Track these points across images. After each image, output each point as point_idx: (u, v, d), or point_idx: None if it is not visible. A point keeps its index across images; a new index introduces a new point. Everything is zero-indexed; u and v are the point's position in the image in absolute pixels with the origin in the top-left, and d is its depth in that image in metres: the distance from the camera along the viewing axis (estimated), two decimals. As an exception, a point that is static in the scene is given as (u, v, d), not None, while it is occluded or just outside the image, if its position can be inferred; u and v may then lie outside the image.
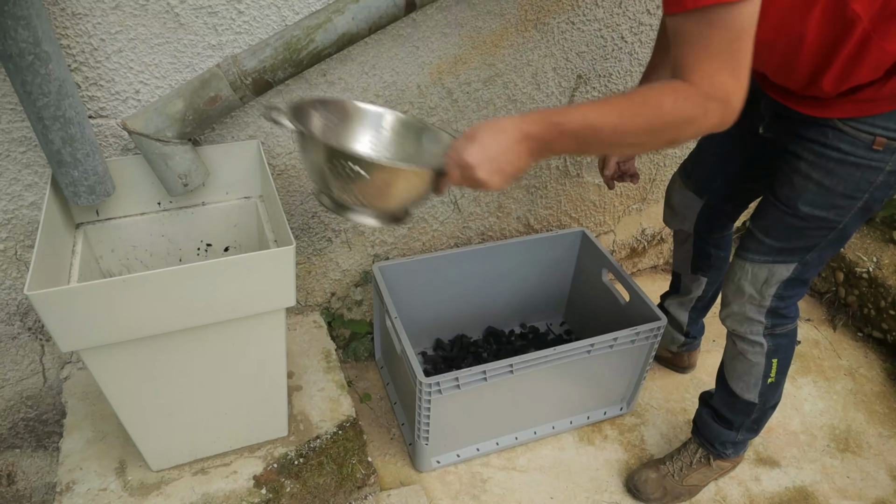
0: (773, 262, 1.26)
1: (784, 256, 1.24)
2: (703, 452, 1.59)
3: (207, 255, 1.49)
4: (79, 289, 1.01)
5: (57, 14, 1.15)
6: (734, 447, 1.56)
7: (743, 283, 1.31)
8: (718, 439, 1.54)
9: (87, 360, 1.13)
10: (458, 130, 1.66)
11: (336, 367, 1.69)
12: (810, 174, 1.14)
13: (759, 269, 1.27)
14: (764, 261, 1.26)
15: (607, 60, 1.72)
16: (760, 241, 1.25)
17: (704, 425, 1.56)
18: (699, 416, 1.58)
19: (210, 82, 1.24)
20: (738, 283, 1.32)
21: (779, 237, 1.23)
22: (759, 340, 1.37)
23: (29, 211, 1.35)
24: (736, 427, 1.51)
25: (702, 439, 1.58)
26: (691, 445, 1.61)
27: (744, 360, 1.41)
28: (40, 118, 1.11)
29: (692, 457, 1.59)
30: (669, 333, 1.88)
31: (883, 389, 1.96)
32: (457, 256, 1.77)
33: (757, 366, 1.40)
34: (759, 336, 1.36)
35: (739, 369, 1.43)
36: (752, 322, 1.35)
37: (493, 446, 1.67)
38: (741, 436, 1.53)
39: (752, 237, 1.27)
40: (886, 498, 1.67)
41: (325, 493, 1.42)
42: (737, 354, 1.42)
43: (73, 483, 1.37)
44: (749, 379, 1.43)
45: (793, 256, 1.24)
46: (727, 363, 1.47)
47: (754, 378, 1.42)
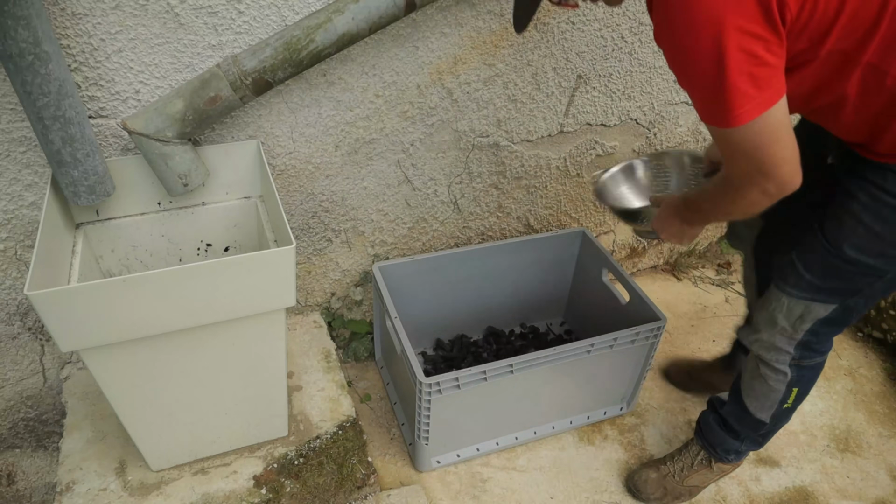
0: (811, 300, 1.20)
1: (824, 296, 1.19)
2: (704, 455, 1.58)
3: (207, 255, 1.49)
4: (79, 289, 1.01)
5: (57, 14, 1.15)
6: (737, 454, 1.55)
7: (777, 314, 1.26)
8: (722, 445, 1.53)
9: (87, 360, 1.13)
10: (459, 130, 1.66)
11: (336, 367, 1.69)
12: (862, 217, 1.08)
13: (795, 305, 1.22)
14: (802, 297, 1.21)
15: (607, 60, 1.72)
16: (801, 275, 1.20)
17: (710, 430, 1.55)
18: (705, 420, 1.57)
19: (210, 82, 1.24)
20: (771, 313, 1.27)
21: (820, 276, 1.17)
22: (783, 370, 1.32)
23: (29, 211, 1.35)
24: (741, 438, 1.50)
25: (705, 443, 1.57)
26: (693, 447, 1.60)
27: (764, 383, 1.37)
28: (40, 118, 1.11)
29: (693, 458, 1.59)
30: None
31: (883, 389, 1.96)
32: (457, 256, 1.77)
33: (776, 392, 1.36)
34: (784, 365, 1.32)
35: (757, 390, 1.40)
36: (779, 351, 1.30)
37: (493, 446, 1.66)
38: (745, 446, 1.52)
39: (794, 268, 1.21)
40: (886, 498, 1.67)
41: (325, 493, 1.42)
42: (757, 376, 1.38)
43: (73, 483, 1.37)
44: (765, 401, 1.40)
45: (833, 297, 1.19)
46: (745, 381, 1.43)
47: (770, 401, 1.39)
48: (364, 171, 1.63)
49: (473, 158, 1.75)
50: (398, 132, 1.60)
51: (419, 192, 1.74)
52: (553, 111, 1.75)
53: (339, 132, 1.53)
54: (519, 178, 1.85)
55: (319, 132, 1.51)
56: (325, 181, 1.60)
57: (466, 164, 1.75)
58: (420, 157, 1.67)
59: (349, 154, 1.58)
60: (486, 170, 1.79)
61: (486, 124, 1.69)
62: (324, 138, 1.53)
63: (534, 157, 1.83)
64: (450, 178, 1.76)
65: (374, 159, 1.62)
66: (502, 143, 1.75)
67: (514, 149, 1.78)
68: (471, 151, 1.73)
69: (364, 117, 1.53)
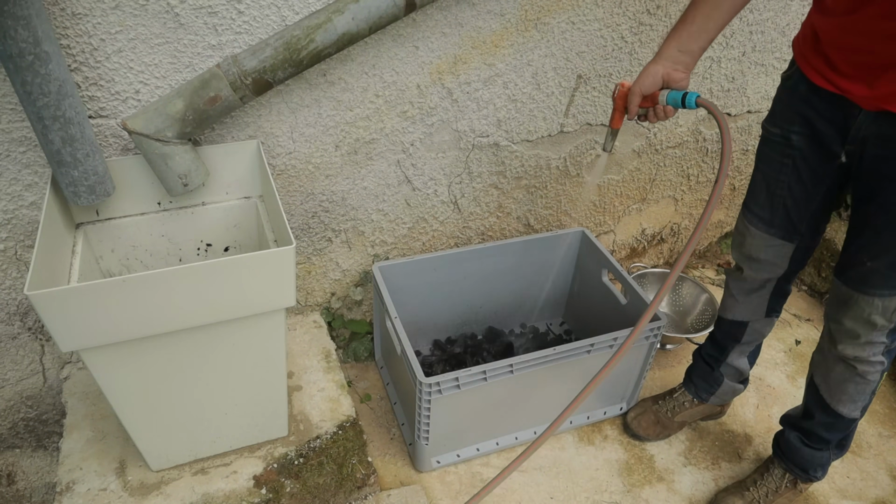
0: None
1: None
2: (790, 477, 1.55)
3: (207, 255, 1.49)
4: (79, 289, 1.01)
5: (57, 14, 1.15)
6: (823, 469, 1.52)
7: (874, 317, 1.24)
8: (812, 464, 1.51)
9: (87, 360, 1.13)
10: (459, 130, 1.66)
11: (336, 367, 1.69)
12: None
13: (889, 301, 1.22)
14: (893, 293, 1.21)
15: (607, 60, 1.72)
16: (887, 276, 1.19)
17: (793, 450, 1.52)
18: (786, 442, 1.54)
19: (210, 82, 1.24)
20: (867, 318, 1.25)
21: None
22: (879, 360, 1.31)
23: (29, 211, 1.35)
24: (829, 448, 1.48)
25: (790, 465, 1.54)
26: (776, 470, 1.57)
27: (860, 381, 1.35)
28: (40, 118, 1.11)
29: (779, 482, 1.56)
30: (730, 389, 1.69)
31: (883, 389, 1.96)
32: (457, 256, 1.77)
33: (872, 384, 1.35)
34: (879, 355, 1.31)
35: (852, 391, 1.37)
36: (875, 345, 1.29)
37: (493, 446, 1.66)
38: (833, 455, 1.50)
39: (876, 273, 1.20)
40: (886, 498, 1.67)
41: (325, 493, 1.42)
42: (852, 377, 1.35)
43: (73, 483, 1.37)
44: (861, 398, 1.38)
45: None
46: (833, 387, 1.39)
47: (865, 395, 1.38)
48: (364, 171, 1.63)
49: (473, 158, 1.75)
50: (398, 132, 1.60)
51: (419, 192, 1.74)
52: (553, 111, 1.75)
53: (339, 132, 1.53)
54: (519, 178, 1.85)
55: (319, 132, 1.51)
56: (325, 181, 1.60)
57: (466, 164, 1.75)
58: (420, 157, 1.67)
59: (349, 154, 1.58)
60: (486, 170, 1.79)
61: (486, 124, 1.69)
62: (324, 138, 1.53)
63: (534, 157, 1.83)
64: (450, 178, 1.76)
65: (374, 159, 1.62)
66: (502, 143, 1.75)
67: (514, 149, 1.78)
68: (471, 151, 1.73)
69: (364, 117, 1.53)
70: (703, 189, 2.21)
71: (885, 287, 1.20)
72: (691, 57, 1.16)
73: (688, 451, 1.74)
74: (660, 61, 1.18)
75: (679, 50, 1.16)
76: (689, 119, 1.99)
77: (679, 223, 2.29)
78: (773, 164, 1.32)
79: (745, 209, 1.43)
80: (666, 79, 1.18)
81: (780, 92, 1.31)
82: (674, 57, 1.17)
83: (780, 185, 1.33)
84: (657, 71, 1.18)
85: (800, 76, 1.22)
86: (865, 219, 1.20)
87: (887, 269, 1.18)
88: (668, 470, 1.69)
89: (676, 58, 1.17)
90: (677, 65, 1.17)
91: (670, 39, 1.17)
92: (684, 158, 2.08)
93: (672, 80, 1.18)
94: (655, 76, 1.18)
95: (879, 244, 1.18)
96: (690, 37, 1.15)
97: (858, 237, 1.23)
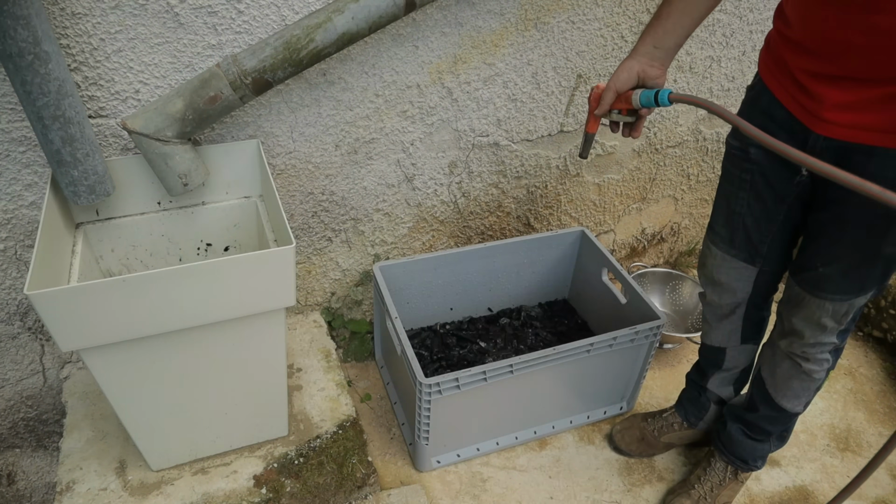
0: (853, 297, 1.19)
1: (864, 290, 1.18)
2: (732, 469, 1.55)
3: (207, 255, 1.49)
4: (79, 289, 1.01)
5: (57, 14, 1.15)
6: (763, 459, 1.54)
7: (824, 319, 1.23)
8: (753, 455, 1.51)
9: (87, 360, 1.13)
10: (459, 130, 1.66)
11: (336, 366, 1.69)
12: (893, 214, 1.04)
13: (839, 306, 1.20)
14: (846, 298, 1.19)
15: (607, 60, 1.72)
16: (838, 282, 1.17)
17: (734, 443, 1.52)
18: (727, 435, 1.53)
19: (210, 82, 1.24)
20: (818, 321, 1.24)
21: (860, 278, 1.16)
22: (825, 357, 1.31)
23: (29, 211, 1.35)
24: (770, 439, 1.49)
25: (732, 457, 1.54)
26: (717, 463, 1.57)
27: (806, 378, 1.34)
28: (40, 118, 1.11)
29: (721, 475, 1.56)
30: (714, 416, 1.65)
31: (883, 389, 1.96)
32: (457, 256, 1.77)
33: (817, 381, 1.35)
34: (825, 353, 1.30)
35: (796, 387, 1.36)
36: (823, 345, 1.28)
37: (493, 446, 1.66)
38: (773, 446, 1.51)
39: (829, 279, 1.18)
40: (886, 497, 1.67)
41: (325, 492, 1.42)
42: (797, 374, 1.34)
43: (73, 483, 1.37)
44: (805, 394, 1.38)
45: (873, 285, 1.17)
46: (779, 382, 1.38)
47: (809, 392, 1.38)
48: (364, 171, 1.63)
49: (473, 158, 1.75)
50: (398, 132, 1.60)
51: (419, 191, 1.74)
52: (553, 110, 1.75)
53: (338, 131, 1.53)
54: (519, 178, 1.85)
55: (319, 131, 1.51)
56: (324, 181, 1.60)
57: (466, 164, 1.75)
58: (420, 156, 1.67)
59: (349, 153, 1.58)
60: (486, 169, 1.79)
61: (486, 123, 1.69)
62: (324, 138, 1.53)
63: (534, 156, 1.82)
64: (450, 177, 1.76)
65: (374, 159, 1.62)
66: (502, 143, 1.75)
67: (514, 148, 1.78)
68: (471, 151, 1.73)
69: (364, 117, 1.53)
70: (703, 188, 2.21)
71: (837, 292, 1.19)
72: (667, 53, 1.14)
73: (688, 451, 1.74)
74: (635, 57, 1.15)
75: (655, 46, 1.13)
76: (689, 118, 1.99)
77: (679, 223, 2.29)
78: (733, 179, 1.28)
79: (709, 228, 1.40)
80: (642, 75, 1.14)
81: (743, 104, 1.27)
82: (650, 53, 1.14)
83: (740, 202, 1.29)
84: (632, 67, 1.14)
85: (762, 87, 1.19)
86: (820, 226, 1.18)
87: (839, 276, 1.17)
88: (669, 469, 1.69)
89: (652, 54, 1.14)
90: (654, 61, 1.14)
91: (645, 35, 1.14)
92: (684, 158, 2.08)
93: (648, 76, 1.14)
94: (630, 72, 1.14)
95: (832, 252, 1.17)
96: (666, 33, 1.12)
97: (813, 242, 1.21)
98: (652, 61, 1.14)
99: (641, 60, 1.14)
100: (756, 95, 1.21)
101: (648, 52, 1.14)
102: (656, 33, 1.13)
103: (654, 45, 1.13)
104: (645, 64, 1.14)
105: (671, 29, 1.12)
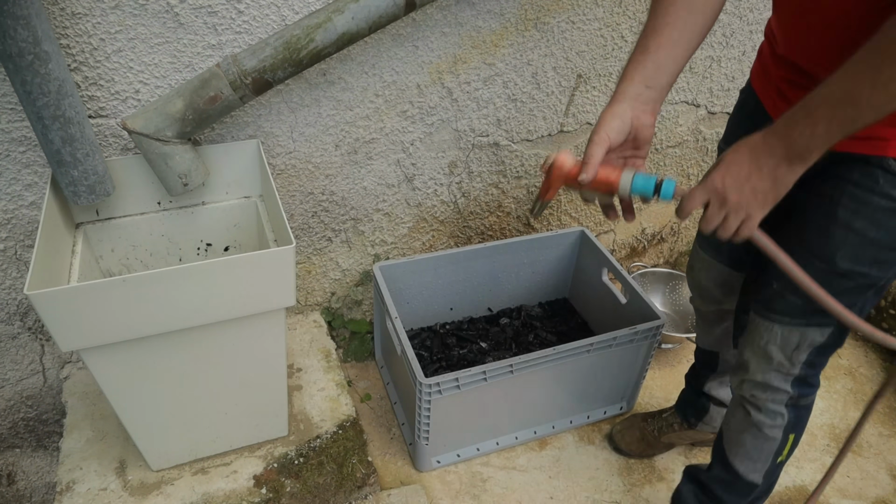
0: (806, 325, 1.07)
1: (819, 318, 1.05)
2: None
3: (207, 255, 1.49)
4: (79, 289, 1.01)
5: (57, 14, 1.15)
6: None
7: (771, 347, 1.11)
8: None
9: (87, 360, 1.13)
10: (459, 130, 1.66)
11: (336, 366, 1.69)
12: (851, 223, 0.95)
13: (790, 333, 1.08)
14: (796, 323, 1.07)
15: (607, 60, 1.72)
16: (788, 299, 1.05)
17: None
18: (678, 496, 1.42)
19: (210, 82, 1.24)
20: (764, 348, 1.12)
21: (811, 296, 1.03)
22: (780, 411, 1.17)
23: (29, 211, 1.35)
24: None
25: None
26: None
27: (757, 433, 1.21)
28: (40, 118, 1.11)
29: None
30: (719, 417, 1.57)
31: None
32: (457, 256, 1.77)
33: (771, 441, 1.20)
34: (780, 406, 1.17)
35: (749, 445, 1.23)
36: (775, 391, 1.15)
37: (493, 446, 1.67)
38: None
39: (780, 295, 1.07)
40: (886, 497, 1.67)
41: (325, 492, 1.42)
42: (749, 427, 1.21)
43: (73, 483, 1.37)
44: (758, 456, 1.24)
45: (828, 318, 1.04)
46: (732, 436, 1.25)
47: (765, 455, 1.23)
48: (364, 171, 1.63)
49: (473, 158, 1.75)
50: (398, 132, 1.60)
51: (419, 191, 1.74)
52: (553, 110, 1.75)
53: (338, 132, 1.53)
54: (519, 178, 1.85)
55: (319, 131, 1.51)
56: (324, 181, 1.60)
57: (466, 164, 1.75)
58: (420, 156, 1.67)
59: (349, 153, 1.58)
60: (486, 169, 1.79)
61: (486, 124, 1.69)
62: (324, 138, 1.53)
63: (534, 156, 1.82)
64: (450, 177, 1.76)
65: (374, 159, 1.62)
66: (502, 143, 1.75)
67: (514, 148, 1.78)
68: (471, 151, 1.73)
69: (364, 117, 1.53)
70: (703, 188, 2.21)
71: (787, 313, 1.07)
72: (659, 94, 0.95)
73: (688, 451, 1.74)
74: (624, 100, 0.93)
75: (647, 86, 0.93)
76: (690, 118, 1.99)
77: (679, 223, 2.29)
78: None
79: (698, 233, 1.33)
80: (635, 123, 0.94)
81: (734, 107, 1.22)
82: (641, 95, 0.93)
83: None
84: (625, 112, 0.93)
85: (750, 91, 1.14)
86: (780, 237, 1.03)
87: (791, 293, 1.05)
88: (669, 469, 1.69)
89: (644, 96, 0.93)
90: (646, 104, 0.93)
91: (632, 73, 0.94)
92: (684, 158, 2.08)
93: (642, 125, 0.94)
94: (624, 118, 0.93)
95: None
96: (658, 68, 0.93)
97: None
98: (644, 105, 0.93)
99: (634, 105, 0.93)
100: (745, 99, 1.18)
101: (640, 94, 0.93)
102: (646, 70, 0.93)
103: (646, 85, 0.93)
104: (638, 109, 0.93)
105: (664, 63, 0.93)
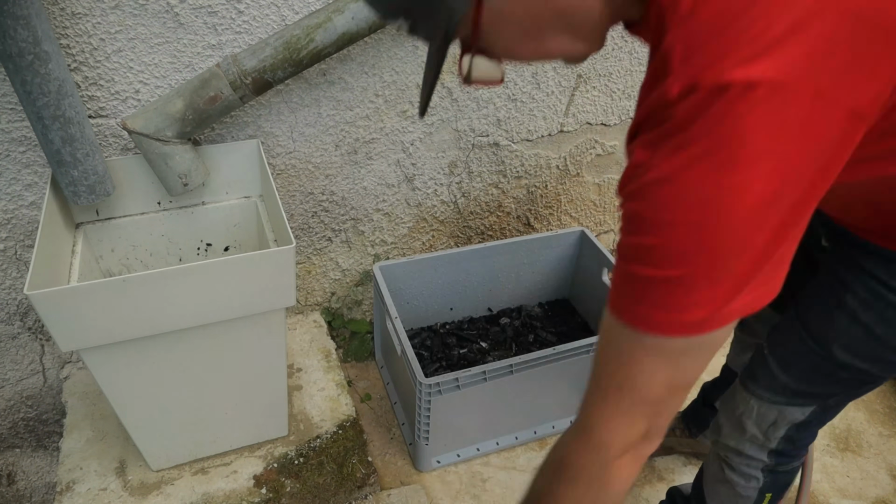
0: (786, 405, 1.01)
1: (801, 399, 1.00)
2: None
3: (207, 255, 1.49)
4: (79, 289, 1.01)
5: (56, 14, 1.15)
6: None
7: (745, 420, 1.05)
8: None
9: (87, 360, 1.12)
10: (459, 130, 1.66)
11: (336, 366, 1.69)
12: (858, 315, 0.88)
13: (767, 410, 1.03)
14: (776, 401, 1.01)
15: (607, 60, 1.72)
16: (775, 375, 1.00)
17: None
18: None
19: (210, 82, 1.24)
20: (738, 419, 1.06)
21: (799, 377, 0.98)
22: (754, 475, 1.11)
23: (29, 211, 1.35)
24: None
25: None
26: None
27: (731, 490, 1.15)
28: (40, 118, 1.11)
29: None
30: None
31: (883, 389, 1.96)
32: (457, 256, 1.77)
33: (746, 499, 1.15)
34: (755, 471, 1.11)
35: (724, 496, 1.17)
36: (749, 458, 1.10)
37: (493, 446, 1.66)
38: None
39: (765, 366, 1.01)
40: (886, 497, 1.67)
41: (325, 492, 1.42)
42: (722, 480, 1.15)
43: (73, 483, 1.37)
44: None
45: (812, 400, 0.99)
46: (709, 483, 1.20)
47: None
48: (364, 171, 1.63)
49: (473, 158, 1.75)
50: (398, 132, 1.60)
51: (419, 191, 1.74)
52: (553, 110, 1.75)
53: (338, 132, 1.53)
54: (519, 178, 1.85)
55: (319, 132, 1.51)
56: (324, 181, 1.60)
57: (466, 164, 1.75)
58: (420, 156, 1.67)
59: (349, 153, 1.58)
60: (486, 169, 1.79)
61: (486, 123, 1.69)
62: (323, 138, 1.53)
63: (534, 156, 1.82)
64: (450, 177, 1.76)
65: (374, 159, 1.62)
66: (502, 143, 1.75)
67: (514, 148, 1.78)
68: (471, 151, 1.73)
69: (364, 117, 1.53)
70: (703, 188, 2.21)
71: (769, 389, 1.02)
72: None
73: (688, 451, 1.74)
74: None
75: None
76: (689, 118, 1.98)
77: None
78: None
79: None
80: None
81: None
82: None
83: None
84: None
85: None
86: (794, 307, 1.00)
87: (777, 364, 1.00)
88: (669, 469, 1.69)
89: None
90: None
91: None
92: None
93: None
94: None
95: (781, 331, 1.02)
96: None
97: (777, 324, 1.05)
98: None
99: None
100: None
101: None
102: None
103: None
104: None
105: None
